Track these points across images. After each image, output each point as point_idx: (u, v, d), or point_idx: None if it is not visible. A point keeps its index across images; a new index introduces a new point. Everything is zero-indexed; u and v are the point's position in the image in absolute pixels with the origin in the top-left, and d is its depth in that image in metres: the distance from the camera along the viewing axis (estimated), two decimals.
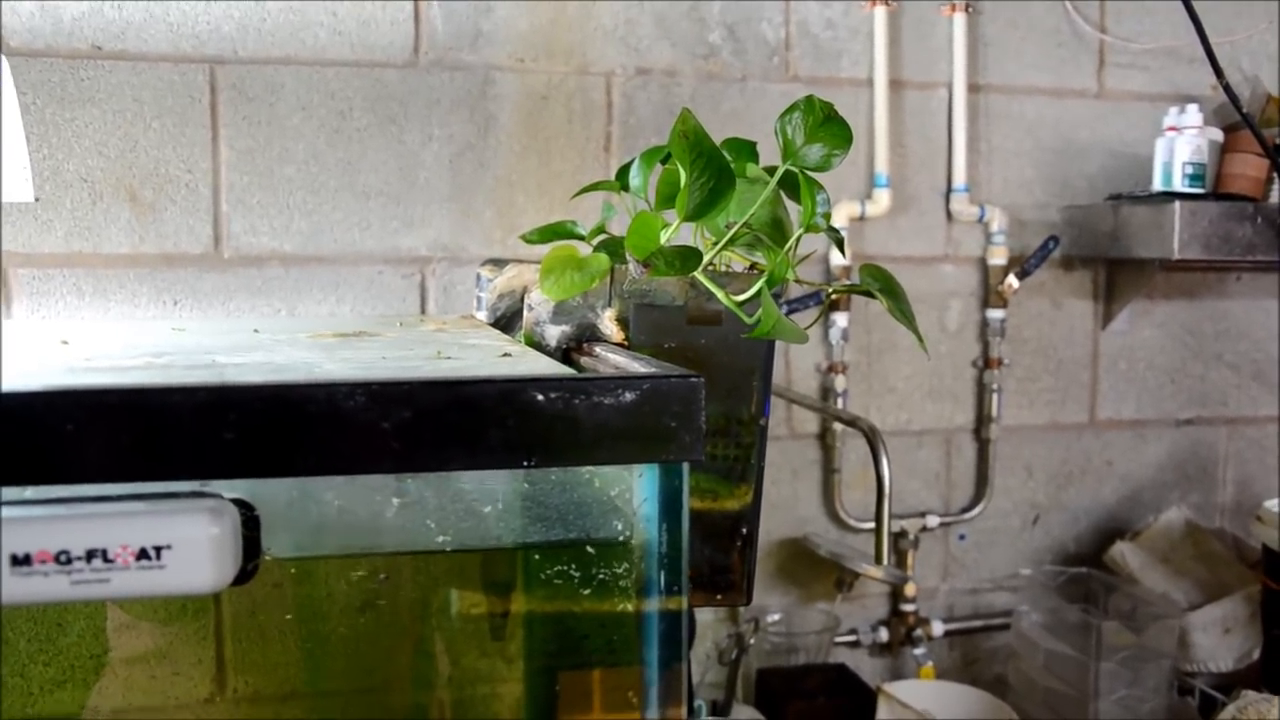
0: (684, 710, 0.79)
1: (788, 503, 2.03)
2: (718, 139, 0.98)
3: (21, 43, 1.63)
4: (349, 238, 1.76)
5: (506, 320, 1.20)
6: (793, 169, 1.00)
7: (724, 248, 1.03)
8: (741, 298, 0.99)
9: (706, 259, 1.00)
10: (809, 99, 1.00)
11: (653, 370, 0.76)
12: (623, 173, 1.18)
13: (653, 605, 0.77)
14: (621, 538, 0.77)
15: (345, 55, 1.74)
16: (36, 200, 1.64)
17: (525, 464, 0.70)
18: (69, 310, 1.68)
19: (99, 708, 0.80)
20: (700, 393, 0.73)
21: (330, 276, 1.76)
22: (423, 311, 1.81)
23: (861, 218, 1.98)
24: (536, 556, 0.78)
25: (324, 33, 1.73)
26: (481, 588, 0.83)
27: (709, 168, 0.96)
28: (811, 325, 1.94)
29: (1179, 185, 1.90)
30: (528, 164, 1.83)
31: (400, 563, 0.79)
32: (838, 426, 2.01)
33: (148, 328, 1.24)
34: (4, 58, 1.49)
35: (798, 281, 1.07)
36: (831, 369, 2.01)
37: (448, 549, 0.75)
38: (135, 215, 1.69)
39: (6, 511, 0.64)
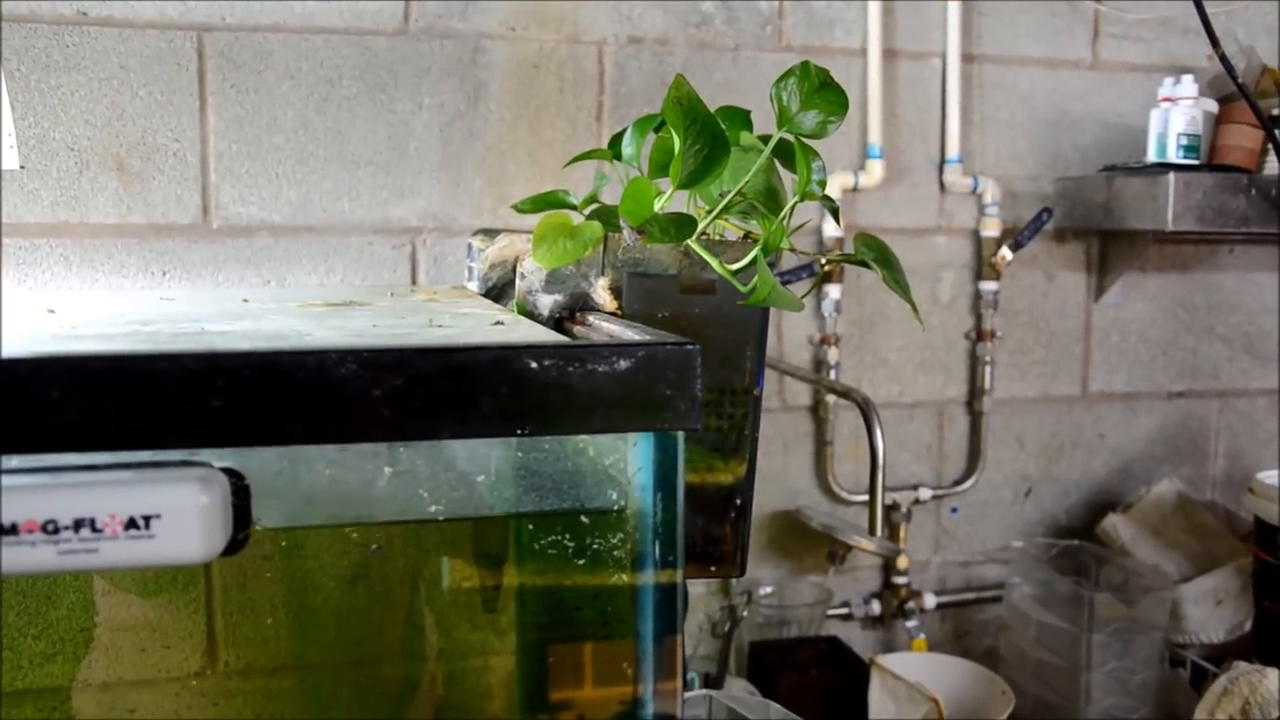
0: (679, 681, 0.79)
1: (779, 475, 2.03)
2: (710, 108, 0.97)
3: (5, 9, 1.60)
4: (338, 208, 1.75)
5: (498, 290, 1.19)
6: (788, 136, 0.99)
7: (718, 216, 1.02)
8: (736, 266, 0.98)
9: (701, 227, 0.99)
10: (804, 65, 0.98)
11: (648, 338, 0.75)
12: (615, 142, 1.16)
13: (647, 575, 0.76)
14: (616, 507, 0.76)
15: (334, 23, 1.72)
16: (22, 168, 1.62)
17: (519, 432, 0.69)
18: (56, 281, 1.66)
19: (89, 681, 0.79)
20: (696, 361, 0.72)
21: (320, 247, 1.75)
22: (413, 282, 1.79)
23: (855, 189, 1.97)
24: (530, 526, 0.77)
25: (313, 1, 1.71)
26: (474, 558, 0.82)
27: (703, 134, 0.95)
28: (806, 295, 1.95)
29: (1173, 156, 1.89)
30: (518, 133, 1.81)
31: (393, 533, 0.79)
32: (830, 399, 2.01)
33: (135, 297, 1.22)
34: None
35: (792, 250, 1.06)
36: (824, 341, 2.00)
37: (440, 518, 0.75)
38: (123, 184, 1.67)
39: None
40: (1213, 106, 1.94)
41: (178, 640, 0.81)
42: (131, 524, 0.63)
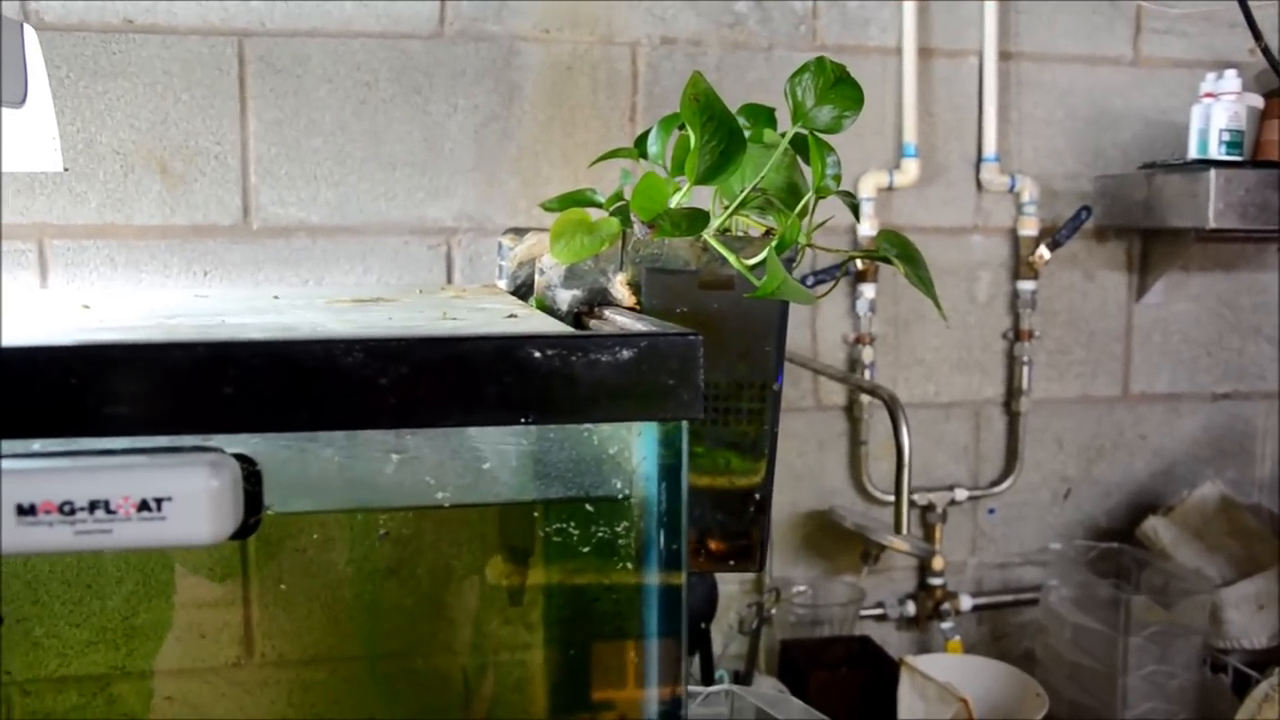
0: (683, 668, 0.80)
1: (814, 475, 2.03)
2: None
3: (56, 17, 1.65)
4: (375, 208, 1.78)
5: (527, 288, 1.20)
6: (803, 131, 1.00)
7: (735, 211, 1.02)
8: (752, 261, 0.98)
9: (717, 223, 1.00)
10: (819, 60, 0.99)
11: (650, 328, 0.76)
12: (641, 140, 1.17)
13: (652, 563, 0.77)
14: (621, 495, 0.77)
15: (371, 27, 1.75)
16: (66, 170, 1.66)
17: (522, 420, 0.71)
18: (102, 281, 1.70)
19: (129, 669, 0.82)
20: (698, 351, 0.73)
21: (357, 247, 1.77)
22: (449, 281, 1.82)
23: (890, 188, 1.96)
24: (537, 514, 0.79)
25: (350, 5, 1.74)
26: (485, 548, 0.84)
27: (719, 130, 0.96)
28: (828, 292, 1.94)
29: (1215, 153, 1.86)
30: (552, 134, 1.83)
31: (400, 525, 0.80)
32: (865, 398, 2.00)
33: (171, 295, 1.25)
34: (34, 31, 1.51)
35: (812, 247, 1.06)
36: (859, 340, 1.99)
37: (447, 504, 0.76)
38: (166, 187, 1.71)
39: (12, 463, 0.65)
40: (1257, 102, 1.91)
41: (214, 630, 0.83)
42: (144, 506, 0.65)
